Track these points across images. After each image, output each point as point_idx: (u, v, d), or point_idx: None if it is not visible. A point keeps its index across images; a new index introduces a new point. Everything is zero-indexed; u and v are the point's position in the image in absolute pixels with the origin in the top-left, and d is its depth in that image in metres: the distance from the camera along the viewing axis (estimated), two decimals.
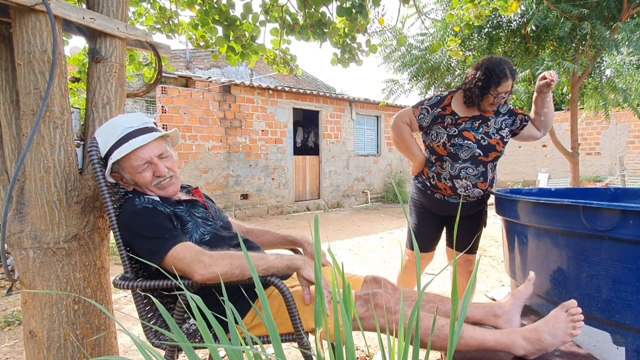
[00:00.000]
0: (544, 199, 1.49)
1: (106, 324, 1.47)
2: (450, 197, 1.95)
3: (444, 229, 2.16)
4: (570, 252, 1.44)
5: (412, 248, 2.16)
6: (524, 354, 1.19)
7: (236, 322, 1.07)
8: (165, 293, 1.34)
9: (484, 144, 1.87)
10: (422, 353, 1.77)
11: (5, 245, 1.28)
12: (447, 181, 1.92)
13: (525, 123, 1.95)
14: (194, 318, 1.26)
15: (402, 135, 2.03)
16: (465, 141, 1.87)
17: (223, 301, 1.14)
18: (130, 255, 1.28)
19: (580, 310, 1.21)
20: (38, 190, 1.27)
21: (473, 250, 2.07)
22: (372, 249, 4.80)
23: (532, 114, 1.98)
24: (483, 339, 1.17)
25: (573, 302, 1.22)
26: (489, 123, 1.91)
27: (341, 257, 4.39)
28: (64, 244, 1.32)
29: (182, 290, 1.15)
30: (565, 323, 1.18)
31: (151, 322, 1.31)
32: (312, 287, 1.21)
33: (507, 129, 1.93)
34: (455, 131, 1.89)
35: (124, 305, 2.97)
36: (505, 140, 1.92)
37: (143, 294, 1.30)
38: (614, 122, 10.93)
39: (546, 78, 1.82)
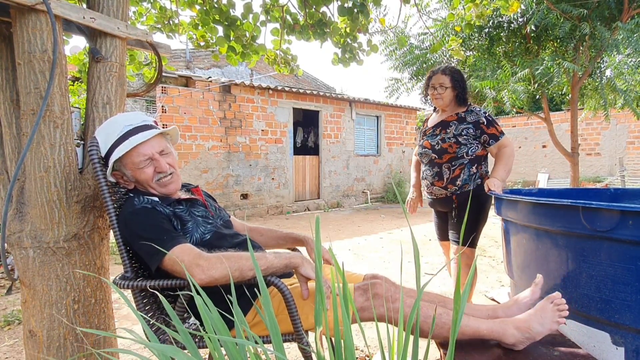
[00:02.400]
0: (544, 199, 1.49)
1: (106, 323, 1.47)
2: (428, 195, 2.34)
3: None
4: (569, 253, 1.44)
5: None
6: (514, 342, 1.24)
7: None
8: (166, 293, 1.34)
9: (437, 148, 2.17)
10: (421, 351, 1.77)
11: (5, 244, 1.28)
12: (422, 181, 2.36)
13: (487, 145, 2.13)
14: (195, 317, 1.26)
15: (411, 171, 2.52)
16: (424, 149, 2.24)
17: (224, 300, 1.14)
18: (130, 254, 1.28)
19: (564, 301, 1.29)
20: (38, 190, 1.27)
21: (469, 244, 2.16)
22: (372, 249, 4.81)
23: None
24: (478, 328, 1.24)
25: (558, 294, 1.30)
26: (448, 129, 2.16)
27: (341, 257, 4.39)
28: (64, 243, 1.32)
29: (183, 289, 1.15)
30: (551, 313, 1.26)
31: (150, 323, 1.32)
32: (311, 284, 1.21)
33: (467, 136, 2.11)
34: (421, 142, 2.28)
35: (123, 305, 2.97)
36: (461, 142, 2.11)
37: (142, 293, 1.31)
38: (614, 122, 10.93)
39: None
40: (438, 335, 1.23)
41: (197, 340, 1.23)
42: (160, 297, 0.78)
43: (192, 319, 1.40)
